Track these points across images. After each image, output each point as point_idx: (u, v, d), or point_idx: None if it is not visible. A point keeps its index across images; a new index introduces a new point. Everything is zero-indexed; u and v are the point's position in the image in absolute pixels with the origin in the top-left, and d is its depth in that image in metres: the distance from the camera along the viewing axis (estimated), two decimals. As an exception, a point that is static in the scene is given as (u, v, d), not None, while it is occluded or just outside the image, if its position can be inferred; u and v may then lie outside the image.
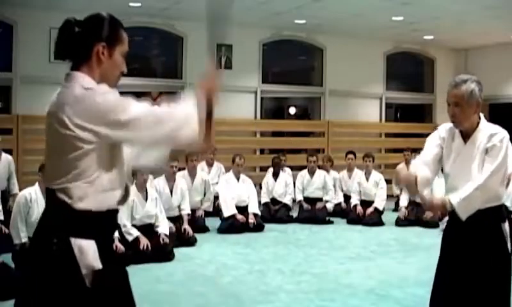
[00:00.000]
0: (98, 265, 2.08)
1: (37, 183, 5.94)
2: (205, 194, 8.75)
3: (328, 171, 10.03)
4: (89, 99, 2.07)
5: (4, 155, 7.73)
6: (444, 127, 3.26)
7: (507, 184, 3.36)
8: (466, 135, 3.13)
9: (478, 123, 3.12)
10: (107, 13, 2.24)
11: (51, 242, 2.06)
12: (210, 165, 9.71)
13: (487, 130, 3.10)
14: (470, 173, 3.05)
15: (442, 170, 3.29)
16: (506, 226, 3.12)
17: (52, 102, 2.17)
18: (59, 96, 2.15)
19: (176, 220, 7.51)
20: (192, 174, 8.59)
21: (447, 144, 3.20)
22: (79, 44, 2.17)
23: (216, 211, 8.77)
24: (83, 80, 2.14)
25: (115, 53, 2.20)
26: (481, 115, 3.15)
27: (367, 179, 9.46)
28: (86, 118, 2.05)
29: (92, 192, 2.10)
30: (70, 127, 2.05)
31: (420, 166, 3.15)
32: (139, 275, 5.85)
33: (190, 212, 7.86)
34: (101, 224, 2.14)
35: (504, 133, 3.08)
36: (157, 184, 7.67)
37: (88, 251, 2.07)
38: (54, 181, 2.11)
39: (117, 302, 2.17)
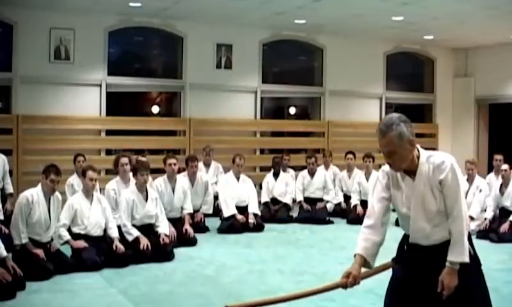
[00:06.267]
0: None
1: (39, 185, 5.84)
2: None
3: (327, 167, 10.02)
4: None
5: None
6: (385, 170, 3.13)
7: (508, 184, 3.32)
8: (411, 173, 3.00)
9: (418, 157, 2.99)
10: None
11: None
12: (207, 166, 9.68)
13: (431, 161, 2.97)
14: (427, 210, 2.98)
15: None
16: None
17: None
18: None
19: (178, 221, 7.48)
20: (193, 179, 8.45)
21: (394, 184, 3.09)
22: None
23: (216, 211, 8.77)
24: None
25: None
26: (417, 146, 3.01)
27: (367, 179, 9.45)
28: None
29: None
30: None
31: (362, 244, 3.34)
32: (139, 275, 5.86)
33: (192, 211, 7.85)
34: None
35: (449, 159, 2.95)
36: (159, 185, 7.66)
37: None
38: None
39: None
